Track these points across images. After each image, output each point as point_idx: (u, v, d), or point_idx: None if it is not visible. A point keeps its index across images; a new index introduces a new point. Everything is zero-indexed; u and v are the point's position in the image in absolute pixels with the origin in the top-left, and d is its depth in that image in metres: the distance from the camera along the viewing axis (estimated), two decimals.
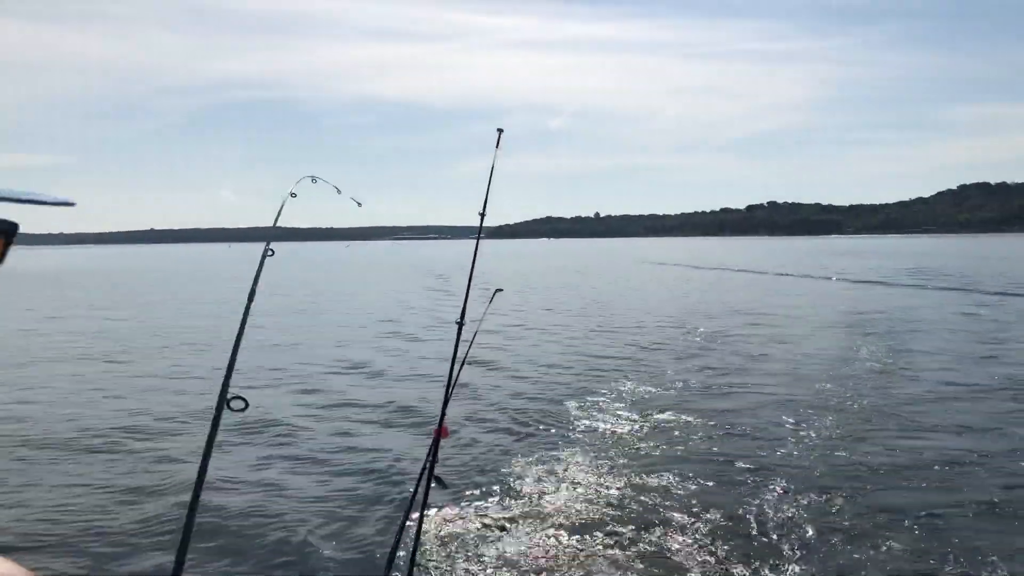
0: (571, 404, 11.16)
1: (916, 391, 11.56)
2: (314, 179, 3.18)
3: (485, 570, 5.50)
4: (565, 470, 7.90)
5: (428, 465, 3.05)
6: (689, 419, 9.98)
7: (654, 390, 11.98)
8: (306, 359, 15.65)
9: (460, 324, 3.32)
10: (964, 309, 23.81)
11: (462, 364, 3.25)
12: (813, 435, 9.06)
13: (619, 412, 10.49)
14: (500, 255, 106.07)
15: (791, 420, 9.79)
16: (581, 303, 28.71)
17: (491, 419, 10.21)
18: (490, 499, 7.05)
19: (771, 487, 7.20)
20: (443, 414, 3.13)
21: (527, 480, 7.62)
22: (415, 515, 3.02)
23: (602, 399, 11.41)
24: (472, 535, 6.17)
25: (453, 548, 5.91)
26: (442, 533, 6.19)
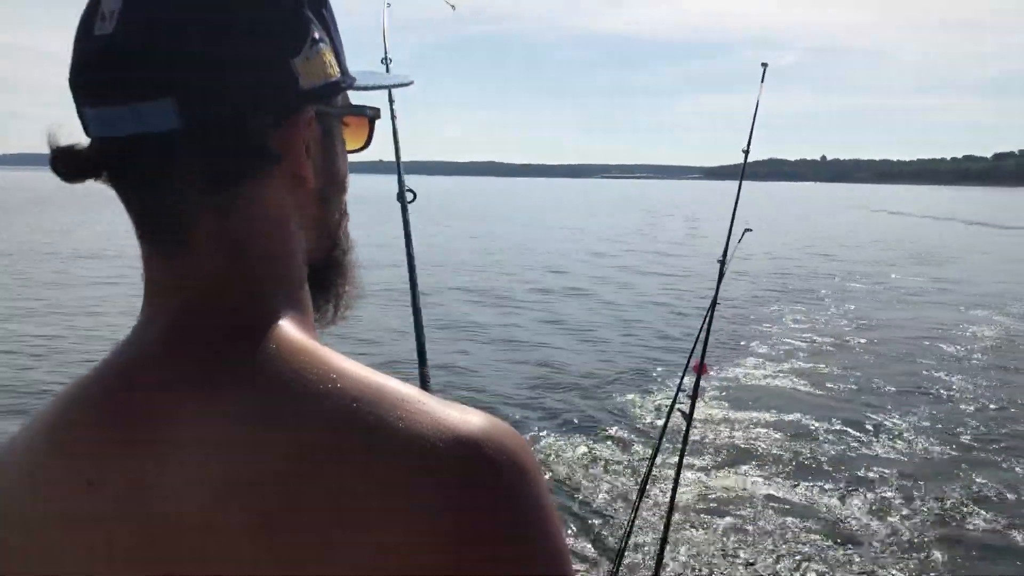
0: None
1: None
2: None
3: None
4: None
5: (690, 401, 3.06)
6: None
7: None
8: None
9: (722, 263, 3.29)
10: None
11: (713, 304, 3.29)
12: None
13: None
14: (710, 203, 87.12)
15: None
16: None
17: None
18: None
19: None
20: (704, 351, 3.10)
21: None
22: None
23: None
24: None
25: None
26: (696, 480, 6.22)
